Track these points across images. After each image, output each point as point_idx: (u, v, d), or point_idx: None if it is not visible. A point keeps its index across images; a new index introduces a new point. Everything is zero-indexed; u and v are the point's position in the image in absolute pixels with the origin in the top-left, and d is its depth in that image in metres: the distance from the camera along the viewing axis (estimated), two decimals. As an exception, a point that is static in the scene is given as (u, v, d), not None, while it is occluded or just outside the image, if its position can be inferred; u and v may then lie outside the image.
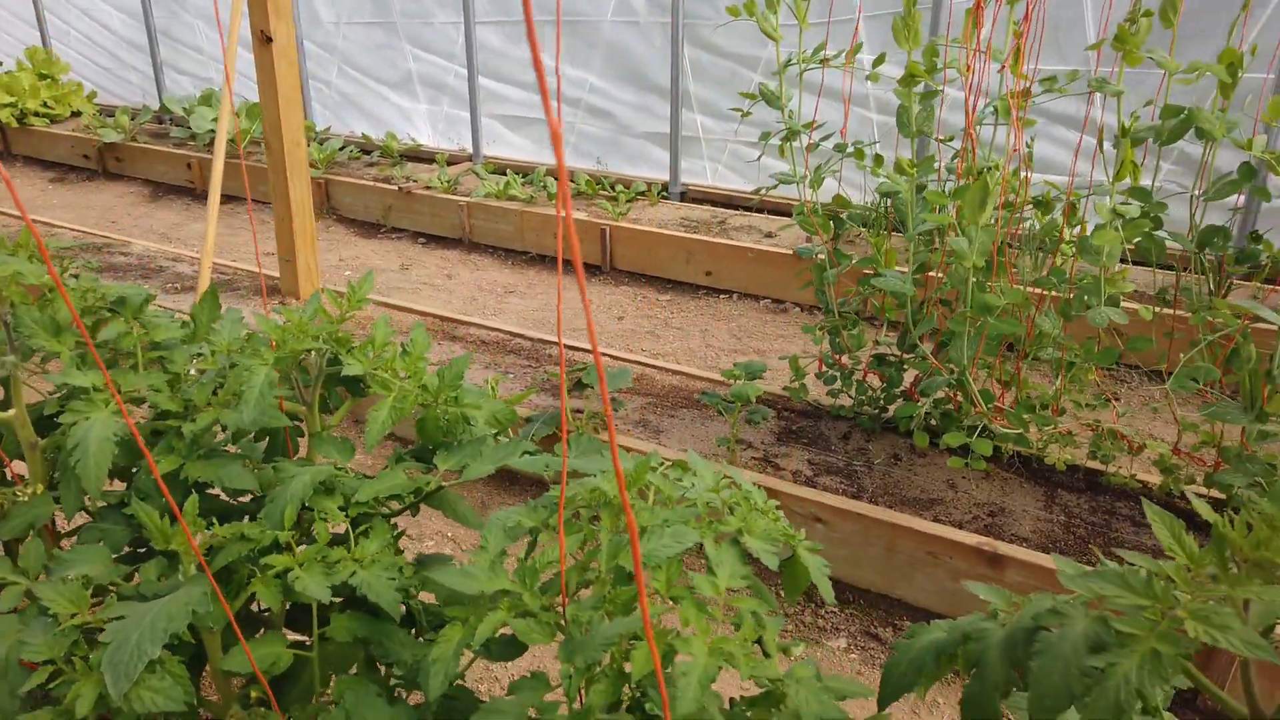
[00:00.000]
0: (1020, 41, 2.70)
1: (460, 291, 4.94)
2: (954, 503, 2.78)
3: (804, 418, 3.27)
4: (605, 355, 3.84)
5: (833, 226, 3.00)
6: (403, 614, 1.42)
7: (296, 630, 1.45)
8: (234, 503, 1.56)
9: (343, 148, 6.68)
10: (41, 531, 1.58)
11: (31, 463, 1.55)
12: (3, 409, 1.55)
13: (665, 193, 5.95)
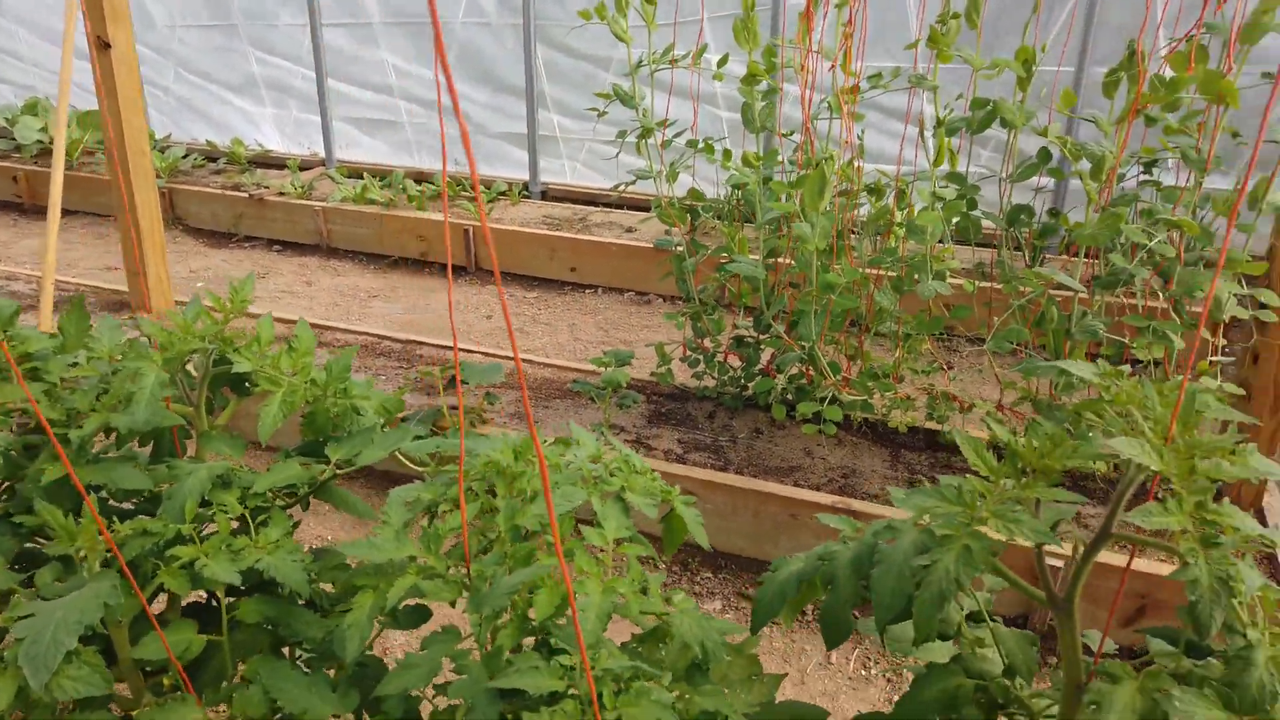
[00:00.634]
0: (848, 42, 2.96)
1: (321, 298, 4.89)
2: (811, 468, 3.02)
3: (672, 400, 3.45)
4: (477, 352, 3.92)
5: (689, 218, 3.18)
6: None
7: (198, 623, 1.49)
8: (123, 506, 1.58)
9: (186, 155, 6.44)
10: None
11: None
12: None
13: (526, 192, 6.03)
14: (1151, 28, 4.76)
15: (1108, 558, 2.35)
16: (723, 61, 3.09)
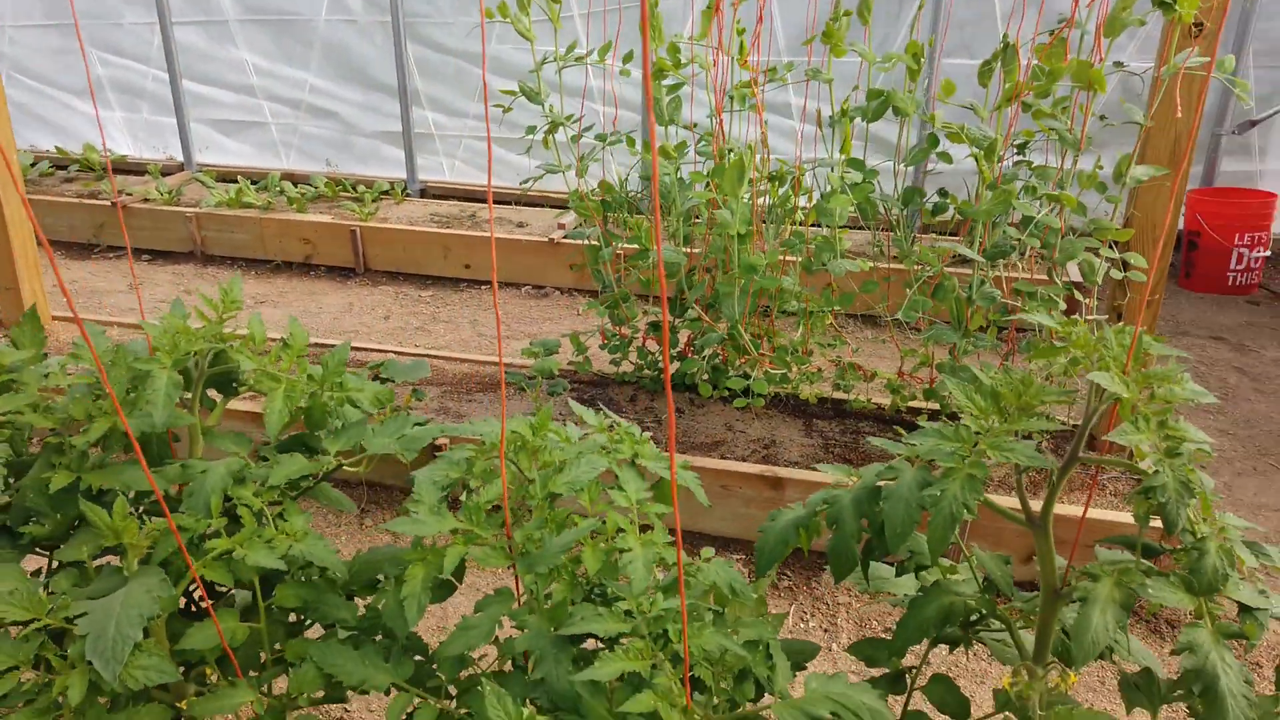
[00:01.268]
0: (744, 39, 3.14)
1: (206, 306, 4.72)
2: (734, 442, 3.20)
3: (593, 387, 3.56)
4: (387, 351, 3.90)
5: (603, 210, 3.30)
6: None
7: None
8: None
9: (34, 164, 6.03)
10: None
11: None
12: None
13: (405, 191, 5.98)
14: (992, 23, 5.22)
15: (1066, 510, 2.55)
16: (628, 58, 3.22)
